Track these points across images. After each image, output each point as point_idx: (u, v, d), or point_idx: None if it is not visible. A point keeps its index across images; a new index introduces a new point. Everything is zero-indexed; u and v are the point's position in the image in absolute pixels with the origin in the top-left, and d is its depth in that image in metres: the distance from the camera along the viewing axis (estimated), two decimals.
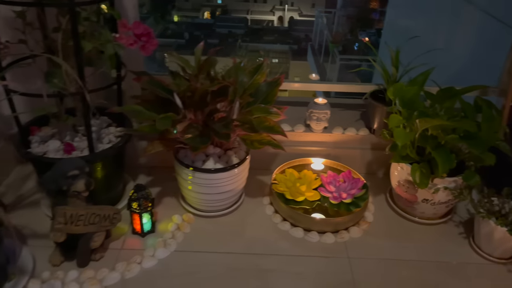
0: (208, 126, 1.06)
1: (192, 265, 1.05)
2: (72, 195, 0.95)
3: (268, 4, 21.16)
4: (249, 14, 20.50)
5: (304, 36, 17.50)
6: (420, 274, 1.06)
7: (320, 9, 14.07)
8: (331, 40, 10.09)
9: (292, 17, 20.36)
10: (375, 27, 10.60)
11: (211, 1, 20.75)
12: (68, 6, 0.86)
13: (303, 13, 20.46)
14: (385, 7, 7.86)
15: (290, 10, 20.78)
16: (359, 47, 10.48)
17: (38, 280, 0.97)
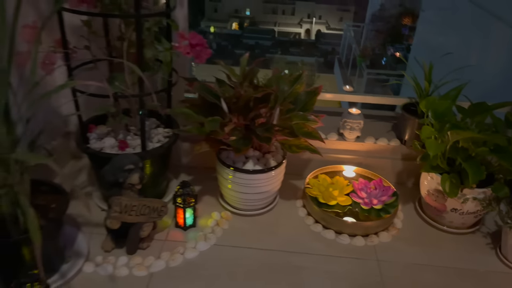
0: (250, 129, 1.14)
1: (230, 259, 1.13)
2: (127, 187, 1.05)
3: (296, 17, 21.36)
4: (277, 26, 20.73)
5: (330, 49, 17.57)
6: (447, 280, 1.10)
7: (348, 23, 14.13)
8: (359, 54, 10.11)
9: (320, 30, 20.48)
10: (404, 42, 10.57)
11: (240, 12, 21.13)
12: (135, 17, 0.97)
13: (331, 26, 20.55)
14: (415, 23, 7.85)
15: (317, 23, 20.91)
16: (387, 62, 10.46)
17: (92, 263, 1.07)
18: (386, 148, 1.43)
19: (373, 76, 8.99)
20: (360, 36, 11.85)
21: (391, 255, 1.17)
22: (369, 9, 12.25)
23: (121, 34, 1.10)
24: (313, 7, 21.18)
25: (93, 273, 1.06)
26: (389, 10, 11.04)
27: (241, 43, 18.78)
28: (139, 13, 0.96)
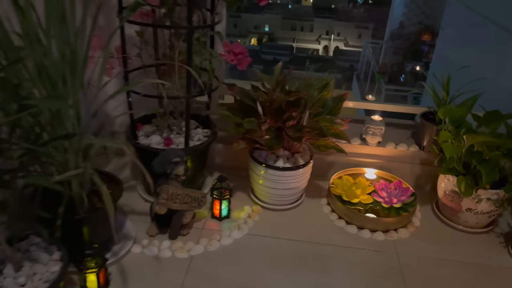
0: (282, 130, 1.27)
1: (261, 246, 1.25)
2: (173, 177, 1.19)
3: (314, 33, 21.58)
4: (295, 42, 20.98)
5: (348, 66, 17.69)
6: (461, 273, 1.20)
7: (367, 40, 14.26)
8: (377, 70, 10.21)
9: (338, 46, 20.64)
10: (423, 60, 10.62)
11: (259, 28, 21.50)
12: (187, 28, 1.11)
13: (349, 43, 20.70)
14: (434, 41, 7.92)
15: (336, 40, 21.08)
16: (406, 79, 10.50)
17: (140, 245, 1.20)
18: (405, 153, 1.54)
19: (392, 92, 9.05)
20: (379, 53, 11.94)
21: (409, 249, 1.27)
22: (388, 26, 12.36)
23: (170, 43, 1.25)
24: (331, 24, 21.39)
25: (140, 253, 1.19)
26: (408, 28, 11.12)
27: (259, 58, 19.09)
28: (191, 25, 1.11)
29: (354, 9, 21.91)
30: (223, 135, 1.52)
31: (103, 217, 1.11)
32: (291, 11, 21.63)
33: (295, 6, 22.00)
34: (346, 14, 21.38)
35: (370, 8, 21.57)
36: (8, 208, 0.80)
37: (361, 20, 20.81)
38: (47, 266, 0.89)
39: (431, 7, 10.61)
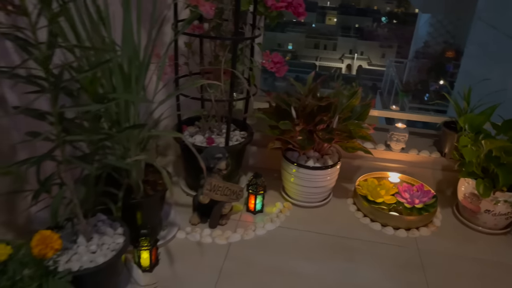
0: (313, 133, 1.41)
1: (292, 238, 1.37)
2: (215, 171, 1.33)
3: (338, 52, 21.73)
4: (318, 60, 21.15)
5: (371, 85, 17.70)
6: (478, 268, 1.29)
7: (391, 58, 14.31)
8: (401, 89, 10.26)
9: (361, 65, 20.72)
10: (448, 79, 10.62)
11: (282, 46, 21.83)
12: (232, 40, 1.27)
13: (372, 62, 20.74)
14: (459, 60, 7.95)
15: (359, 58, 21.16)
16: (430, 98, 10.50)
17: (183, 232, 1.34)
18: (427, 159, 1.64)
19: (415, 110, 9.10)
20: (403, 71, 11.98)
21: (430, 246, 1.37)
22: (412, 45, 12.42)
23: (216, 53, 1.41)
24: (355, 43, 21.51)
25: (184, 239, 1.33)
26: (433, 46, 11.17)
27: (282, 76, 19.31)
28: (237, 36, 1.26)
29: (378, 29, 22.02)
30: (257, 139, 1.66)
31: (154, 203, 1.26)
32: (315, 30, 21.89)
33: (319, 25, 22.28)
34: (370, 33, 21.49)
35: (394, 27, 21.63)
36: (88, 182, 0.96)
37: (385, 39, 20.85)
38: (113, 238, 1.04)
39: (457, 26, 10.65)
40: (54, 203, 0.88)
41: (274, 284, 1.18)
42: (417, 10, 13.73)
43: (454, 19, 10.50)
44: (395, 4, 21.88)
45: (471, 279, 1.25)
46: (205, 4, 1.06)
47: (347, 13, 22.26)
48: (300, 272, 1.23)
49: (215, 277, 1.19)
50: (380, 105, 11.60)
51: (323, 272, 1.24)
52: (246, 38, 1.35)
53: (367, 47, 21.13)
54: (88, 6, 0.96)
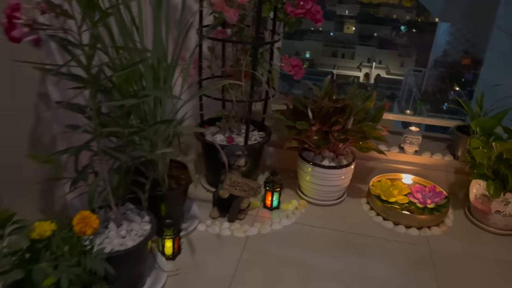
0: (329, 133, 1.47)
1: (306, 233, 1.43)
2: (235, 168, 1.41)
3: (356, 61, 21.66)
4: (336, 69, 21.13)
5: (389, 94, 17.59)
6: (489, 267, 1.32)
7: (410, 67, 14.23)
8: (419, 97, 10.20)
9: (379, 74, 20.60)
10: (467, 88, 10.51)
11: (300, 54, 21.90)
12: (253, 44, 1.35)
13: (391, 71, 20.61)
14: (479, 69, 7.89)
15: (377, 67, 21.03)
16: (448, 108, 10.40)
17: (204, 225, 1.42)
18: (440, 162, 1.69)
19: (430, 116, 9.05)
20: (421, 80, 11.91)
21: (441, 244, 1.41)
22: (431, 54, 12.34)
23: (237, 57, 1.49)
24: (373, 52, 21.41)
25: (204, 231, 1.41)
26: (452, 56, 11.08)
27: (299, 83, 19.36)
28: (257, 41, 1.35)
29: (397, 38, 21.89)
30: (274, 140, 1.73)
31: (177, 196, 1.35)
32: (333, 38, 21.90)
33: (337, 34, 22.29)
34: (389, 42, 21.37)
35: (413, 36, 21.46)
36: (120, 171, 1.04)
37: (404, 48, 20.70)
38: (141, 225, 1.12)
39: (476, 35, 10.56)
40: (91, 190, 0.97)
41: (289, 274, 1.25)
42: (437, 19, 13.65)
43: (474, 28, 10.41)
44: (415, 13, 21.76)
45: (480, 277, 1.29)
46: (229, 10, 1.15)
47: (365, 22, 22.22)
48: (314, 264, 1.29)
49: (233, 267, 1.26)
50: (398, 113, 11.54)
51: (336, 266, 1.30)
52: (267, 43, 1.43)
53: (386, 56, 21.01)
54: (123, 14, 1.06)
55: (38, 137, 1.08)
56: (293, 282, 1.22)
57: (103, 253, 0.89)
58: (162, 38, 1.14)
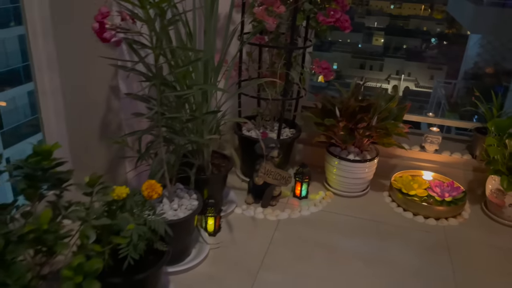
0: (355, 130, 1.63)
1: (332, 219, 1.59)
2: (269, 158, 1.58)
3: (384, 73, 21.48)
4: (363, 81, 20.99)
5: (418, 106, 17.40)
6: (503, 254, 1.44)
7: (439, 79, 14.11)
8: (447, 109, 10.13)
9: (408, 87, 20.40)
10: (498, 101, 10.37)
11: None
12: (288, 48, 1.54)
13: (420, 84, 20.36)
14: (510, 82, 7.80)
15: (406, 80, 20.81)
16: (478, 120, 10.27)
17: (240, 209, 1.60)
18: (459, 161, 1.81)
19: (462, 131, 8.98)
20: (451, 92, 11.80)
21: (457, 234, 1.53)
22: (462, 66, 12.22)
23: (272, 61, 1.68)
24: (402, 64, 21.20)
25: (241, 214, 1.58)
26: (483, 68, 10.96)
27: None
28: (292, 46, 1.53)
29: (427, 50, 21.65)
30: (303, 138, 1.90)
31: (218, 181, 1.53)
32: (361, 50, 21.88)
33: (366, 46, 22.27)
34: (419, 54, 21.15)
35: (444, 48, 21.16)
36: (176, 153, 1.24)
37: (433, 61, 20.42)
38: (189, 201, 1.31)
39: (509, 49, 10.43)
40: (153, 167, 1.17)
41: (315, 252, 1.41)
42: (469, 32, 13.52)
43: (505, 40, 10.29)
44: (446, 26, 21.50)
45: (493, 263, 1.40)
46: (269, 19, 1.33)
47: (394, 34, 22.10)
48: (339, 246, 1.45)
49: (266, 244, 1.43)
50: (425, 125, 11.46)
51: (358, 248, 1.44)
52: (300, 48, 1.61)
53: (415, 68, 20.77)
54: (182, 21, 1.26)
55: (108, 123, 1.29)
56: (320, 260, 1.38)
57: (164, 217, 1.08)
58: (211, 43, 1.34)
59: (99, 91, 1.24)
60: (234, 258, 1.36)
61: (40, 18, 1.01)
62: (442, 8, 21.12)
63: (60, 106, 1.12)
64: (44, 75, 1.07)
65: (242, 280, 1.26)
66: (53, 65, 1.08)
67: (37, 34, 1.03)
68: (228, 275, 1.29)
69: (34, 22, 1.01)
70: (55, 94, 1.10)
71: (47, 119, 1.11)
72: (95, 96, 1.24)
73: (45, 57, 1.06)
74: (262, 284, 1.26)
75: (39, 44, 1.04)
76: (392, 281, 1.30)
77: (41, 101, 1.09)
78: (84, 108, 1.23)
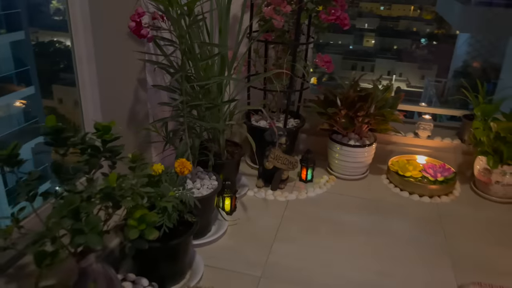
0: (354, 117, 1.79)
1: (336, 199, 1.75)
2: (277, 145, 1.74)
3: (375, 74, 21.71)
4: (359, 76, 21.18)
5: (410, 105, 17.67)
6: (489, 225, 1.60)
7: (429, 78, 14.37)
8: (439, 106, 10.38)
9: (399, 87, 20.64)
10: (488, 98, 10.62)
11: (319, 67, 22.19)
12: (293, 44, 1.70)
13: (411, 84, 20.63)
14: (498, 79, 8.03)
15: (397, 80, 21.07)
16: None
17: (252, 191, 1.75)
18: (450, 145, 1.98)
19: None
20: (441, 91, 12.05)
21: (448, 209, 1.70)
22: (452, 65, 12.49)
23: (277, 56, 1.84)
24: (393, 64, 21.45)
25: (253, 196, 1.73)
26: (471, 66, 11.22)
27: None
28: (297, 41, 1.69)
29: (417, 50, 21.95)
30: (307, 128, 2.06)
31: (232, 166, 1.68)
32: (352, 52, 22.14)
33: (356, 47, 22.56)
34: (409, 54, 21.44)
35: (434, 49, 21.45)
36: (199, 137, 1.39)
37: (424, 61, 20.69)
38: (210, 181, 1.46)
39: (496, 47, 10.70)
40: (179, 150, 1.32)
41: (322, 227, 1.56)
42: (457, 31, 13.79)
43: (493, 38, 10.56)
44: (436, 26, 21.84)
45: (480, 232, 1.57)
46: (277, 17, 1.49)
47: (385, 35, 22.41)
48: (342, 221, 1.60)
49: (278, 221, 1.59)
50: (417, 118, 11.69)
51: (360, 222, 1.60)
52: (304, 43, 1.77)
53: (406, 69, 21.00)
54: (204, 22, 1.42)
55: (136, 113, 1.44)
56: (326, 233, 1.53)
57: (192, 191, 1.23)
58: (225, 41, 1.49)
59: (128, 83, 1.39)
60: (250, 233, 1.51)
61: (82, 17, 1.16)
62: (431, 9, 21.43)
63: (96, 97, 1.27)
64: (84, 69, 1.21)
65: (259, 250, 1.42)
66: (91, 60, 1.23)
67: (78, 32, 1.17)
68: (246, 247, 1.44)
69: (76, 20, 1.16)
70: (93, 86, 1.25)
71: (86, 109, 1.25)
72: (124, 88, 1.39)
73: (85, 52, 1.20)
74: (277, 253, 1.41)
75: (81, 41, 1.18)
76: (390, 248, 1.46)
77: (81, 93, 1.23)
78: (116, 99, 1.38)
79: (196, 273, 1.28)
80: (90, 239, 0.76)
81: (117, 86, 1.37)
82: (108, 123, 0.91)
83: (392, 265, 1.37)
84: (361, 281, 1.30)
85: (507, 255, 1.44)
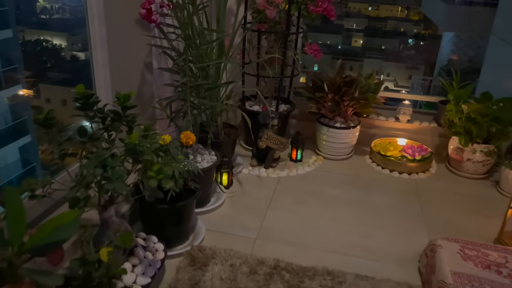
0: (340, 102, 1.96)
1: (323, 176, 1.91)
2: (270, 126, 1.89)
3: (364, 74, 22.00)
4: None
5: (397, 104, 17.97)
6: (462, 198, 1.78)
7: (416, 77, 14.70)
8: (424, 103, 10.66)
9: (387, 86, 20.96)
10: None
11: (308, 68, 22.37)
12: (283, 33, 1.86)
13: (399, 84, 20.97)
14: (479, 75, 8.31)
15: (385, 80, 21.34)
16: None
17: (247, 169, 1.91)
18: (427, 128, 2.16)
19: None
20: (427, 89, 12.34)
21: (425, 184, 1.88)
22: (437, 64, 12.80)
23: (270, 45, 2.00)
24: (381, 64, 21.77)
25: (248, 173, 1.89)
26: (457, 65, 11.54)
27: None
28: (288, 31, 1.85)
29: (404, 50, 22.31)
30: (296, 114, 2.22)
31: (228, 145, 1.84)
32: (341, 52, 22.42)
33: (345, 47, 22.84)
34: (397, 54, 21.78)
35: (421, 49, 21.81)
36: (200, 114, 1.54)
37: (411, 61, 21.04)
38: (210, 156, 1.61)
39: (480, 46, 11.03)
40: (183, 125, 1.47)
41: (311, 199, 1.72)
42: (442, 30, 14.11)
43: (476, 38, 10.88)
44: (422, 26, 22.24)
45: (453, 202, 1.75)
46: (270, 8, 1.65)
47: (373, 35, 22.74)
48: (330, 194, 1.77)
49: (271, 193, 1.75)
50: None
51: (345, 195, 1.77)
52: (294, 33, 1.93)
53: (394, 68, 21.31)
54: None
55: (142, 93, 1.58)
56: (315, 204, 1.70)
57: (196, 161, 1.38)
58: (224, 29, 1.65)
59: (135, 66, 1.53)
60: (246, 203, 1.67)
61: (97, 6, 1.30)
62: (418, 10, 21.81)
63: (107, 76, 1.41)
64: (98, 51, 1.35)
65: (254, 217, 1.57)
66: (104, 43, 1.37)
67: (94, 19, 1.31)
68: (243, 214, 1.59)
69: (92, 8, 1.30)
70: (105, 67, 1.39)
71: (99, 86, 1.39)
72: (133, 70, 1.53)
73: (99, 37, 1.34)
74: (270, 219, 1.57)
75: (96, 27, 1.32)
76: (372, 216, 1.63)
77: (95, 72, 1.37)
78: (125, 79, 1.52)
79: (198, 236, 1.43)
80: (117, 185, 0.90)
81: (127, 68, 1.51)
82: (128, 93, 1.05)
83: (374, 229, 1.54)
84: (346, 242, 1.47)
85: (475, 221, 1.62)
